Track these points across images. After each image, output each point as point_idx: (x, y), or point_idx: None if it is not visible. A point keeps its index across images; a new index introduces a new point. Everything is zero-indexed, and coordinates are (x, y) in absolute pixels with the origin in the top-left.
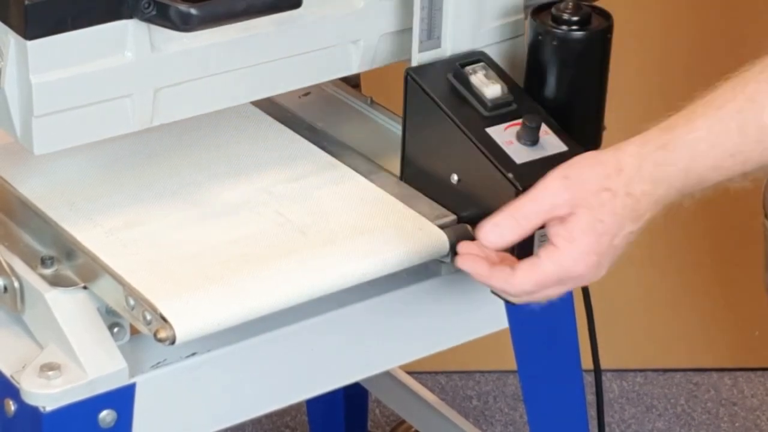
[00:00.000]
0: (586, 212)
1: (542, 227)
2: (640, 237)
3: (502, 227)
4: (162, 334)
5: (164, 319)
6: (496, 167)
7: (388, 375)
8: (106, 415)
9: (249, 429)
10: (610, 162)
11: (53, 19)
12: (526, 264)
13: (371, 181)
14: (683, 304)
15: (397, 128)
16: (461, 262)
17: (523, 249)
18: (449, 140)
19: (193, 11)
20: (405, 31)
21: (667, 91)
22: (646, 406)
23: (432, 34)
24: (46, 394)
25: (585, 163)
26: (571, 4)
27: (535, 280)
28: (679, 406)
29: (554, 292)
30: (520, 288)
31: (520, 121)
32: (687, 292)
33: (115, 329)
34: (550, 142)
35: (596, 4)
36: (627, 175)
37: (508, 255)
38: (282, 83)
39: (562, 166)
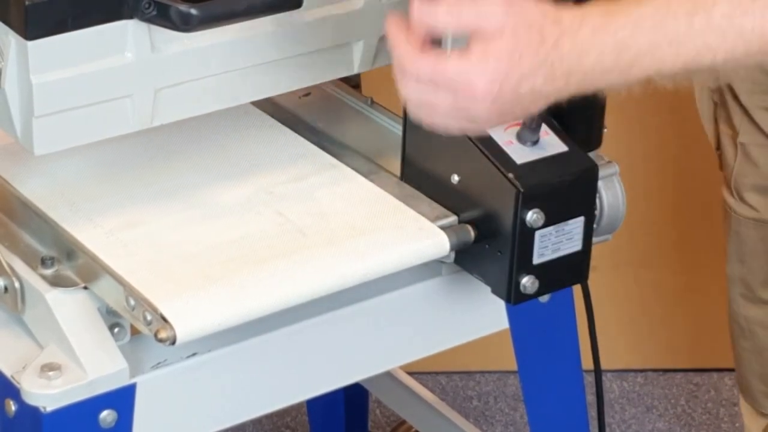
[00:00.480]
0: (511, 40)
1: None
2: (640, 238)
3: (436, 6)
4: (162, 335)
5: (165, 320)
6: (497, 167)
7: (388, 375)
8: (107, 416)
9: (249, 429)
10: (552, 11)
11: (54, 19)
12: (436, 52)
13: (371, 181)
14: (683, 304)
15: (397, 128)
16: (389, 24)
17: None
18: (449, 140)
19: (193, 11)
20: None
21: (665, 91)
22: (646, 406)
23: None
24: (47, 394)
25: (531, 1)
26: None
27: (434, 68)
28: (679, 407)
29: (441, 101)
30: (416, 66)
31: (520, 121)
32: (687, 293)
33: (116, 329)
34: (550, 143)
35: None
36: (561, 29)
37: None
38: (282, 83)
39: None
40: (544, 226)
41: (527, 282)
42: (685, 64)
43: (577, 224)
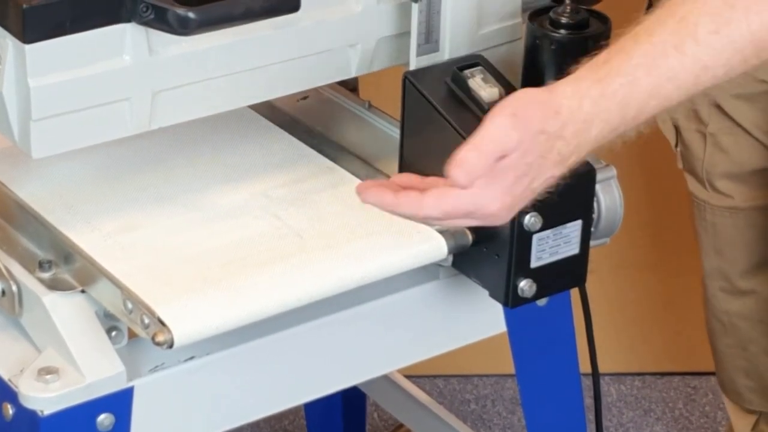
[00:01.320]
0: (517, 156)
1: None
2: (638, 240)
3: (469, 163)
4: (160, 338)
5: (162, 323)
6: None
7: (386, 378)
8: (104, 419)
9: None
10: (549, 103)
11: (51, 22)
12: (438, 192)
13: None
14: (681, 308)
15: (395, 132)
16: (365, 196)
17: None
18: (447, 144)
19: (191, 15)
20: (403, 35)
21: None
22: (644, 409)
23: (430, 37)
24: (44, 397)
25: (529, 100)
26: (568, 7)
27: (443, 209)
28: (677, 410)
29: (462, 223)
30: (425, 214)
31: None
32: (685, 296)
33: (113, 333)
34: None
35: (594, 8)
36: (563, 118)
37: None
38: (280, 87)
39: (508, 102)
40: (542, 229)
41: (525, 285)
42: (688, 91)
43: (574, 228)
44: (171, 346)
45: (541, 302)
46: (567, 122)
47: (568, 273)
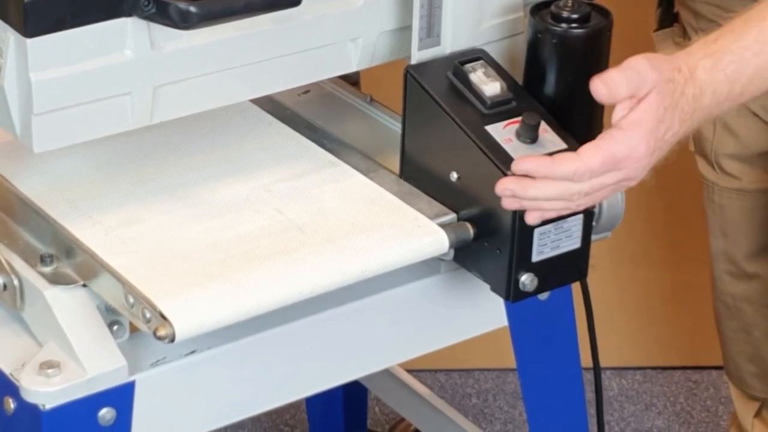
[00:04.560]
0: (657, 96)
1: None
2: (639, 235)
3: (612, 78)
4: (161, 332)
5: (164, 317)
6: (496, 165)
7: (387, 373)
8: (106, 413)
9: (248, 427)
10: (673, 62)
11: (53, 16)
12: (592, 144)
13: (370, 179)
14: (682, 302)
15: (396, 126)
16: (519, 164)
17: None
18: (449, 138)
19: (192, 9)
20: (404, 29)
21: None
22: (645, 404)
23: (431, 31)
24: (46, 392)
25: (656, 56)
26: (570, 1)
27: (602, 157)
28: (678, 404)
29: (610, 180)
30: (587, 167)
31: (519, 119)
32: (686, 290)
33: (115, 327)
34: (549, 140)
35: (596, 1)
36: (684, 75)
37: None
38: (281, 81)
39: (642, 54)
40: (543, 223)
41: (526, 280)
42: None
43: (576, 222)
44: (172, 340)
45: (543, 296)
46: (687, 81)
47: (570, 267)
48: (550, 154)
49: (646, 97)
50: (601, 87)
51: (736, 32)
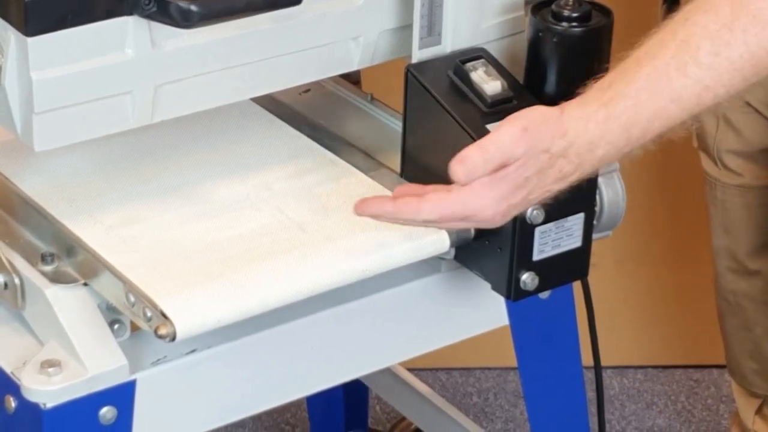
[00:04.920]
0: (520, 170)
1: None
2: (641, 234)
3: (471, 161)
4: (162, 331)
5: (165, 316)
6: None
7: (388, 372)
8: (107, 412)
9: (249, 426)
10: (558, 124)
11: (54, 15)
12: (436, 196)
13: (371, 177)
14: (683, 301)
15: (397, 125)
16: (364, 208)
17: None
18: (449, 137)
19: (193, 8)
20: (405, 28)
21: None
22: (646, 402)
23: (432, 30)
24: (47, 390)
25: (540, 118)
26: (571, 0)
27: (441, 213)
28: (679, 403)
29: (458, 226)
30: (424, 218)
31: None
32: (687, 289)
33: (116, 326)
34: None
35: (597, 0)
36: (569, 139)
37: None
38: (282, 80)
39: (522, 116)
40: (544, 222)
41: (527, 278)
42: (691, 111)
43: (577, 220)
44: (173, 339)
45: (544, 295)
46: (572, 143)
47: (571, 266)
48: None
49: (508, 167)
50: (459, 170)
51: (629, 75)
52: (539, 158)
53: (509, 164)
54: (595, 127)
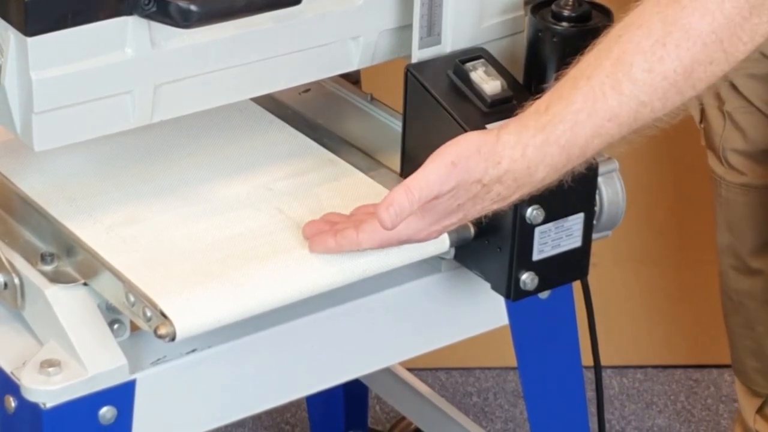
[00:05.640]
0: (450, 201)
1: None
2: (640, 234)
3: (399, 205)
4: (162, 331)
5: (164, 316)
6: None
7: (388, 371)
8: (106, 412)
9: (249, 425)
10: (491, 154)
11: (53, 15)
12: (370, 228)
13: (371, 177)
14: (683, 301)
15: (397, 125)
16: (313, 248)
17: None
18: (449, 136)
19: (193, 8)
20: (405, 28)
21: None
22: (646, 402)
23: (432, 30)
24: (47, 390)
25: (471, 149)
26: (571, 0)
27: (379, 243)
28: (679, 403)
29: (398, 243)
30: (364, 248)
31: None
32: (687, 289)
33: (115, 326)
34: None
35: (596, 0)
36: (504, 167)
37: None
38: (282, 80)
39: (450, 150)
40: (544, 222)
41: (527, 278)
42: (629, 127)
43: (576, 220)
44: (173, 338)
45: (543, 295)
46: (508, 170)
47: (570, 266)
48: None
49: (439, 199)
50: (385, 217)
51: (566, 97)
52: (471, 188)
53: (440, 197)
54: (534, 151)
